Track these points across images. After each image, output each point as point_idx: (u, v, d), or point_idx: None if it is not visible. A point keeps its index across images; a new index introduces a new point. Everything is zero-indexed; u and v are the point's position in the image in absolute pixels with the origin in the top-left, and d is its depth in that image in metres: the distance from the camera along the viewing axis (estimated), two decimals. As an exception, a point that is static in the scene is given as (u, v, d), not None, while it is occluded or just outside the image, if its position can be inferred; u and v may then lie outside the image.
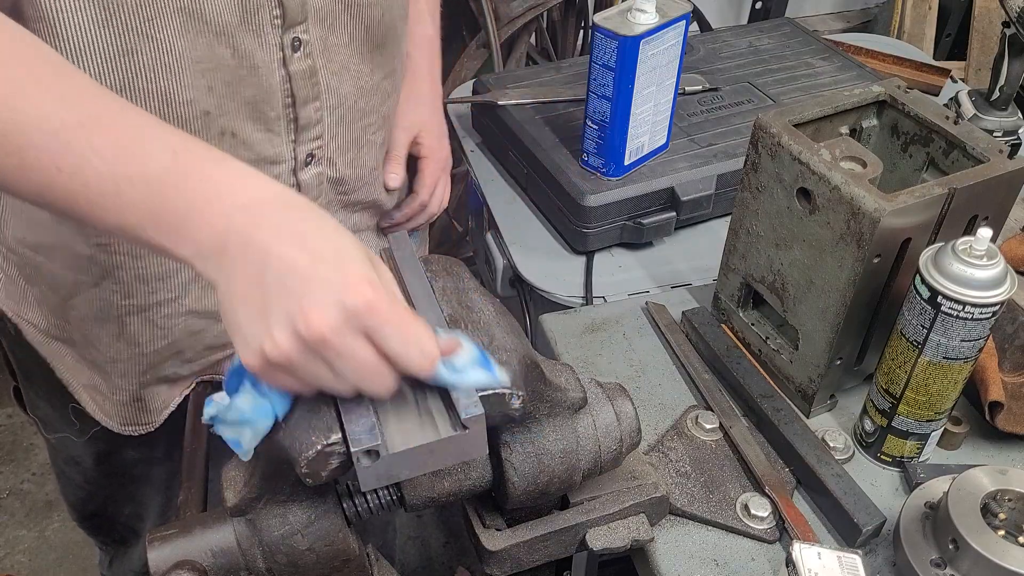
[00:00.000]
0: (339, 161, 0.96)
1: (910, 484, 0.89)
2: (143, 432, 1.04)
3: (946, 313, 0.79)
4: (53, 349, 1.00)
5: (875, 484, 0.92)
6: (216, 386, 1.09)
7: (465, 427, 0.61)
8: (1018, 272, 1.09)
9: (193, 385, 1.04)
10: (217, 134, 0.83)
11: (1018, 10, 1.23)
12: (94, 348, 0.97)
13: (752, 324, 1.03)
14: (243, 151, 0.86)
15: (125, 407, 1.01)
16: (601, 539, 0.82)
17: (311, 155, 0.92)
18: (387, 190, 1.08)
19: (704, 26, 2.16)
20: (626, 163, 1.22)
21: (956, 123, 0.92)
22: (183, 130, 0.78)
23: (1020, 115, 1.37)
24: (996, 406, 0.92)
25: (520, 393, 0.64)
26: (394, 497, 0.75)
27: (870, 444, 0.93)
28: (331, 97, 0.90)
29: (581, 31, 2.42)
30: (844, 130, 0.99)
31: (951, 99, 1.42)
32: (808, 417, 0.98)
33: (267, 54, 0.82)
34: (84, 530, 1.32)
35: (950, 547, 0.76)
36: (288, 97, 0.86)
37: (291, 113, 0.87)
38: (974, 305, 0.78)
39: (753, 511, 0.87)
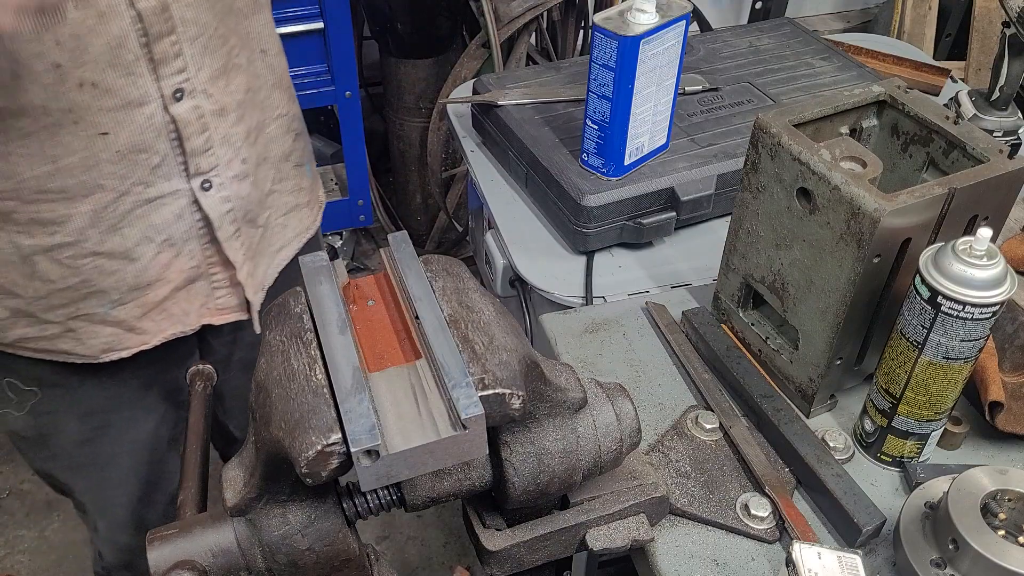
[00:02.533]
0: (213, 90, 0.95)
1: (910, 484, 0.89)
2: (80, 362, 1.05)
3: (946, 313, 0.79)
4: None
5: (875, 484, 0.92)
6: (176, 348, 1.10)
7: (465, 427, 0.61)
8: (1018, 272, 1.09)
9: (153, 344, 1.06)
10: (75, 85, 0.84)
11: (1018, 10, 1.24)
12: (15, 295, 0.98)
13: (752, 324, 1.03)
14: (107, 99, 0.87)
15: (58, 339, 1.02)
16: (601, 539, 0.82)
17: (179, 90, 0.92)
18: None
19: (704, 26, 2.16)
20: (626, 163, 1.22)
21: (956, 123, 0.92)
22: (35, 86, 0.82)
23: (1020, 115, 1.37)
24: (996, 406, 0.92)
25: (520, 393, 0.64)
26: (394, 497, 0.75)
27: (870, 444, 0.93)
28: (188, 28, 0.90)
29: (581, 31, 2.43)
30: (844, 130, 0.99)
31: (951, 99, 1.42)
32: (808, 417, 0.98)
33: None
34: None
35: (950, 547, 0.76)
36: (143, 36, 0.86)
37: (147, 52, 0.88)
38: (974, 305, 0.78)
39: (753, 511, 0.87)
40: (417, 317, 0.69)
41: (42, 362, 1.04)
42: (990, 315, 0.79)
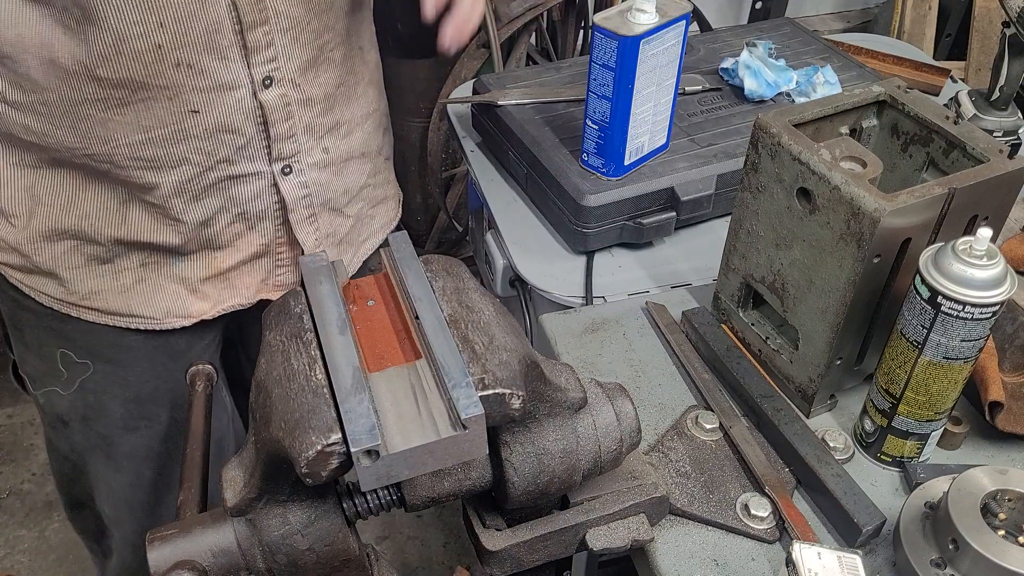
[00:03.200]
0: (301, 81, 0.99)
1: (910, 484, 0.89)
2: (143, 328, 1.08)
3: (946, 313, 0.79)
4: (34, 282, 1.05)
5: (875, 484, 0.92)
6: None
7: (465, 427, 0.61)
8: (1018, 272, 1.09)
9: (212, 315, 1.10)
10: (172, 66, 0.89)
11: (1018, 10, 1.23)
12: (97, 243, 1.02)
13: (752, 324, 1.03)
14: (201, 80, 0.91)
15: (128, 293, 1.06)
16: (601, 539, 0.82)
17: (269, 77, 0.96)
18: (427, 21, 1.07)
19: (704, 26, 2.16)
20: (626, 163, 1.22)
21: (956, 123, 0.92)
22: (136, 63, 0.87)
23: (1020, 115, 1.37)
24: (996, 406, 0.92)
25: (520, 393, 0.64)
26: (394, 497, 0.75)
27: (870, 444, 0.93)
28: (281, 20, 0.94)
29: (581, 31, 2.42)
30: (844, 130, 0.99)
31: (951, 99, 1.42)
32: (808, 417, 0.98)
33: None
34: (73, 525, 1.32)
35: (950, 547, 0.76)
36: (236, 24, 0.90)
37: (240, 39, 0.92)
38: (974, 305, 0.78)
39: (753, 511, 0.87)
40: (417, 317, 0.69)
41: (101, 330, 1.08)
42: (990, 315, 0.79)
